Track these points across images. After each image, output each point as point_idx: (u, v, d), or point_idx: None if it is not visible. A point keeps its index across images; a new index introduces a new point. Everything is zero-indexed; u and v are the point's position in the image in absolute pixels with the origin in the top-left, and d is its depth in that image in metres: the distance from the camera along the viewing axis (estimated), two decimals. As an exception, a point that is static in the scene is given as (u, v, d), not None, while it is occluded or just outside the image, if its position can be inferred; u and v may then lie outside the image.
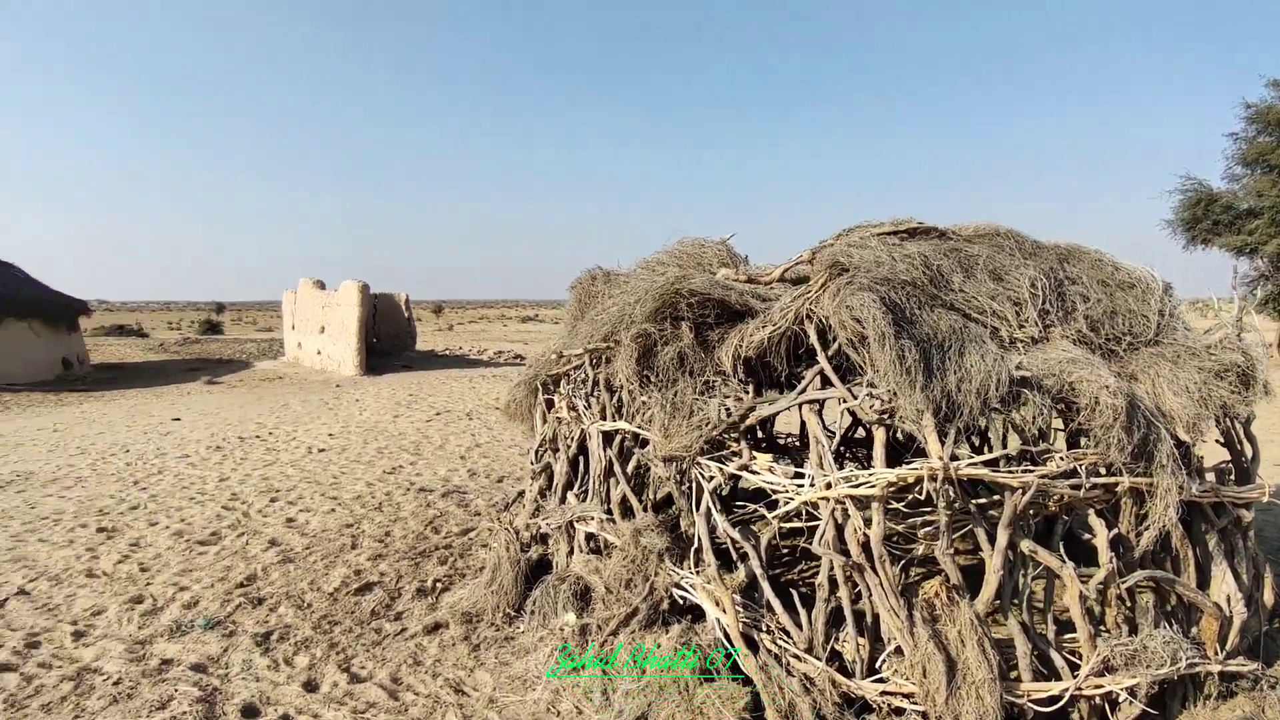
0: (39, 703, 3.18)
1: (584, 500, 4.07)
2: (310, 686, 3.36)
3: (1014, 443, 2.95)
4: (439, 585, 4.52)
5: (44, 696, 3.23)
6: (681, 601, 3.41)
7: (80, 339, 17.93)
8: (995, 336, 3.05)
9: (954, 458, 2.68)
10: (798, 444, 5.76)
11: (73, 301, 17.41)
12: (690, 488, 3.45)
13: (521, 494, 4.98)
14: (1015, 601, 2.80)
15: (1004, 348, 2.99)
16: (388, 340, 20.06)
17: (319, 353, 18.22)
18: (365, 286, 16.76)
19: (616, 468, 3.77)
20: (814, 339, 3.10)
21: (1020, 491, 2.67)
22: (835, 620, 2.98)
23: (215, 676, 3.42)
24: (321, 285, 18.69)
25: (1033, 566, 2.89)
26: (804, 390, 3.17)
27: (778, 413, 3.36)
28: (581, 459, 4.21)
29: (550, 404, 4.70)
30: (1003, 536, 2.70)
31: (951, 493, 2.66)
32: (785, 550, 4.63)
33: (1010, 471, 2.69)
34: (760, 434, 5.36)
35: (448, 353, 22.74)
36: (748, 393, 3.46)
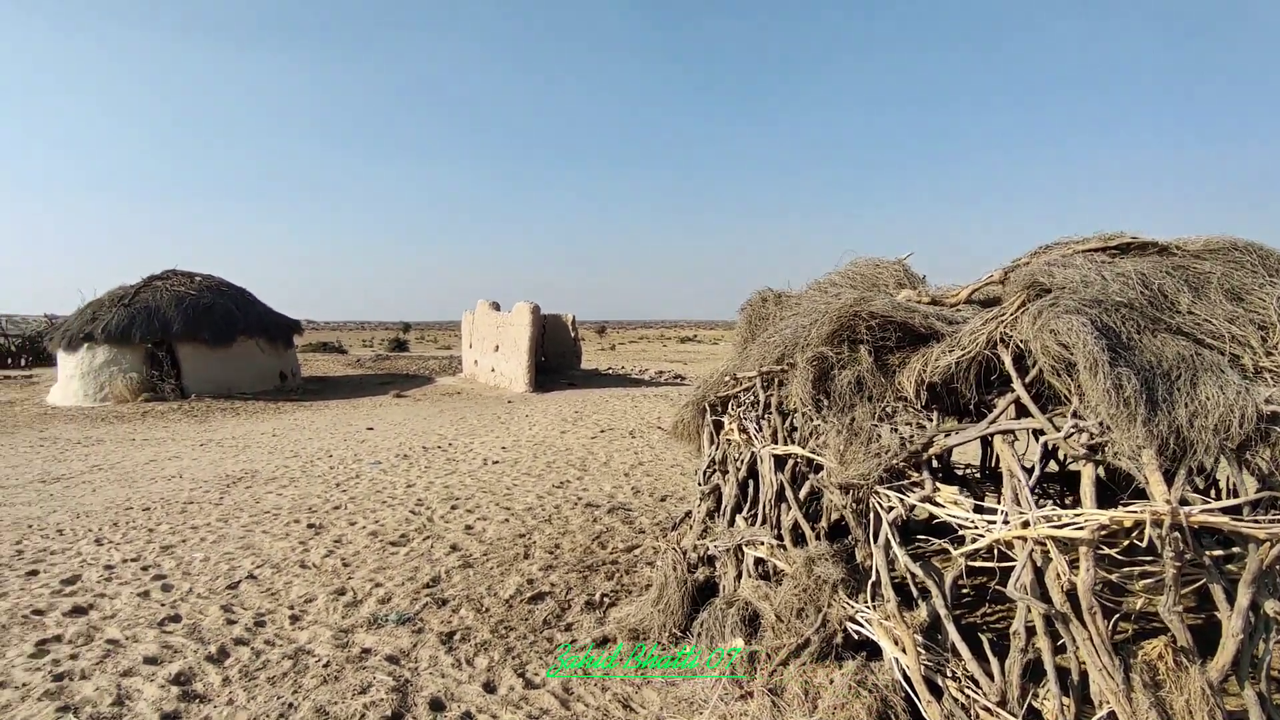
0: (265, 675, 3.58)
1: (753, 524, 4.01)
2: (489, 688, 3.53)
3: (1249, 485, 2.56)
4: (606, 600, 4.62)
5: (269, 670, 3.64)
6: (855, 636, 3.26)
7: (294, 355, 20.25)
8: (1236, 365, 2.67)
9: (1183, 501, 2.37)
10: (977, 476, 5.37)
11: (289, 321, 19.71)
12: (867, 517, 3.30)
13: (688, 514, 5.00)
14: (1253, 669, 2.42)
15: (1248, 378, 2.61)
16: (555, 359, 21.00)
17: (493, 370, 19.41)
18: (536, 308, 17.67)
19: (788, 492, 3.69)
20: (1009, 365, 2.87)
21: (1269, 544, 2.31)
22: (1031, 673, 2.72)
23: (406, 669, 3.69)
24: (497, 307, 19.94)
25: (1276, 630, 2.48)
26: (995, 420, 2.94)
27: (964, 443, 3.14)
28: (751, 482, 4.16)
29: (719, 425, 4.69)
30: (1244, 595, 2.35)
31: (1181, 542, 2.35)
32: (966, 590, 4.31)
33: (1256, 521, 2.34)
34: (935, 464, 5.05)
35: (610, 372, 23.43)
36: (930, 420, 3.27)
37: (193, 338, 16.49)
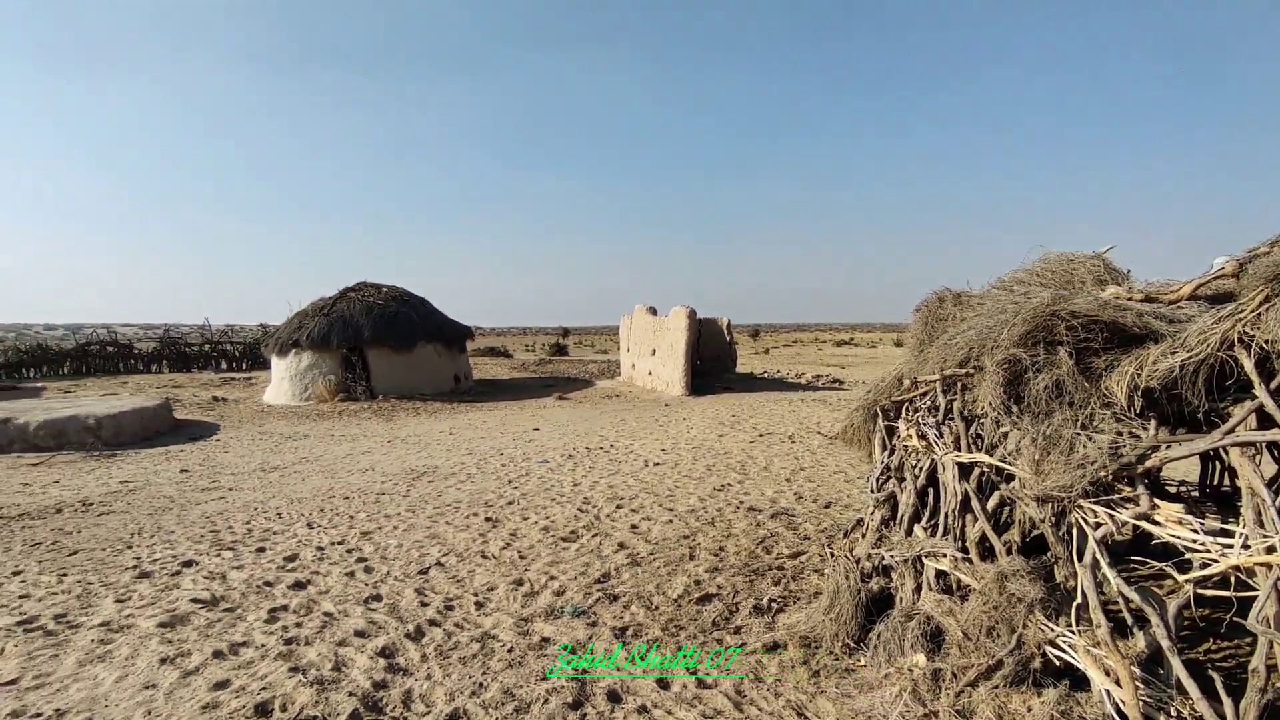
0: (457, 655, 3.86)
1: (933, 535, 3.81)
2: (663, 684, 3.59)
3: None
4: (774, 605, 4.57)
5: (460, 651, 3.91)
6: (1056, 662, 3.01)
7: (466, 359, 21.69)
8: None
9: None
10: (1194, 494, 4.78)
11: (462, 328, 21.14)
12: (1069, 534, 3.03)
13: (860, 522, 4.83)
14: None
15: None
16: (710, 362, 21.05)
17: (650, 373, 19.77)
18: (692, 312, 17.81)
19: (975, 503, 3.47)
20: (1250, 369, 2.54)
21: None
22: (1271, 717, 2.38)
23: (584, 660, 3.84)
24: (654, 311, 20.31)
25: None
26: (1233, 430, 2.60)
27: (1190, 455, 2.81)
28: (930, 490, 3.96)
29: (892, 431, 4.50)
30: None
31: None
32: (1186, 620, 3.85)
33: None
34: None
35: (765, 375, 23.15)
36: (1145, 430, 2.95)
37: (380, 343, 18.11)
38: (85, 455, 11.14)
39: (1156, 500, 2.77)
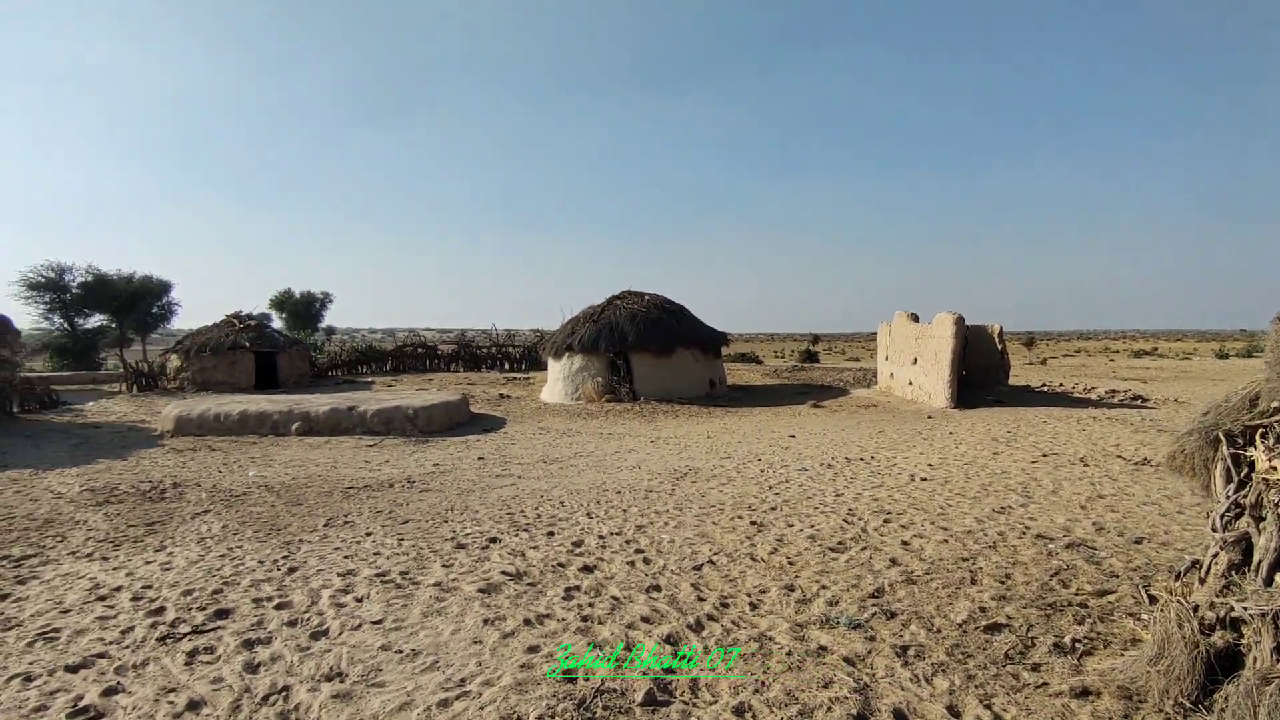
0: (738, 652, 3.99)
1: (1304, 588, 3.18)
2: (953, 711, 3.40)
3: None
4: (1078, 646, 4.10)
5: (740, 648, 4.04)
6: None
7: (721, 365, 22.19)
8: None
9: None
10: None
11: (717, 334, 21.66)
12: None
13: (1195, 564, 4.17)
14: None
15: None
16: (978, 373, 19.40)
17: (910, 383, 18.71)
18: (959, 318, 16.55)
19: (1371, 556, 2.83)
20: None
21: None
22: None
23: (864, 673, 3.76)
24: (915, 318, 19.19)
25: None
26: None
27: None
28: (1300, 535, 3.30)
29: (1239, 460, 3.83)
30: None
31: None
32: None
33: None
34: None
35: (1044, 389, 20.76)
36: None
37: (642, 348, 19.20)
38: (405, 440, 13.18)
39: None
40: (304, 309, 50.26)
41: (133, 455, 11.62)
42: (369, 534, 6.65)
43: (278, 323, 47.49)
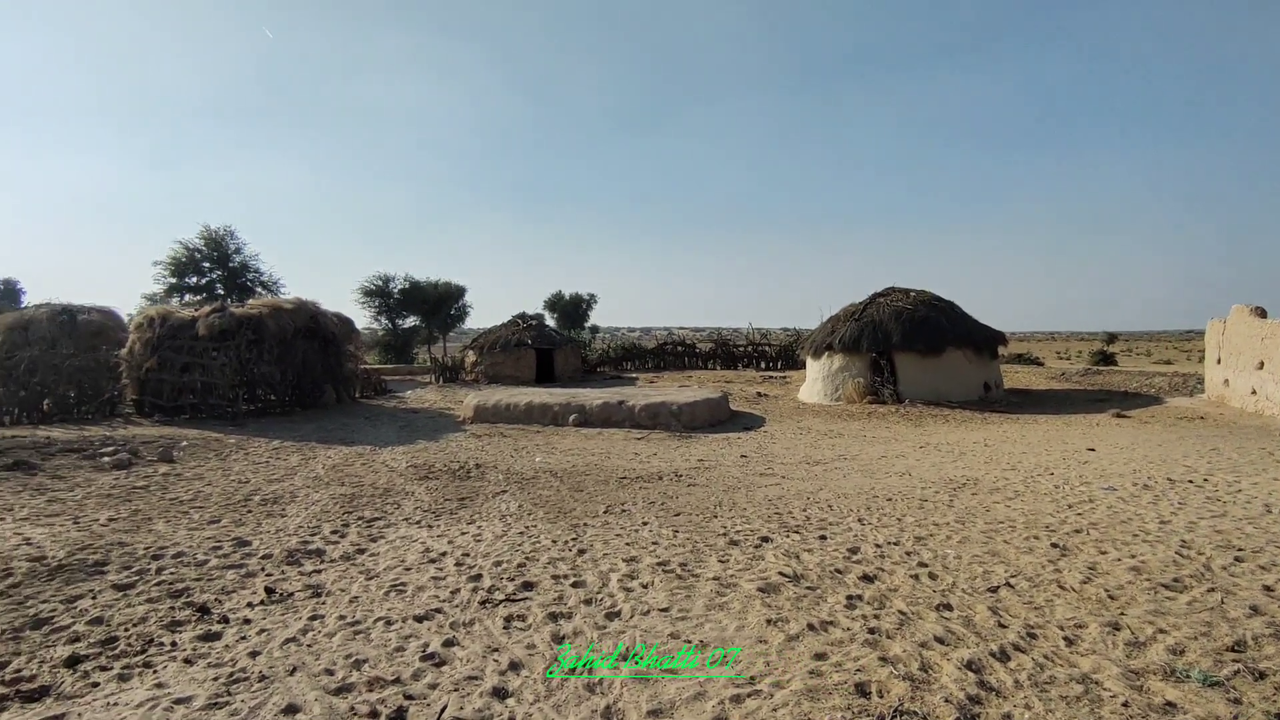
0: (1057, 693, 3.50)
1: None
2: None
3: None
4: None
5: (1059, 689, 3.54)
6: None
7: (997, 367, 20.16)
8: None
9: None
10: None
11: (993, 333, 19.71)
12: None
13: None
14: None
15: None
16: (1352, 383, 15.47)
17: (1253, 392, 15.48)
18: (1327, 314, 13.33)
19: None
20: None
21: None
22: None
23: (1230, 744, 3.12)
24: (1262, 313, 15.81)
25: None
26: None
27: None
28: None
29: None
30: None
31: None
32: None
33: None
34: None
35: None
36: None
37: (908, 348, 18.09)
38: (670, 434, 13.71)
39: None
40: (572, 309, 54.92)
41: (443, 438, 13.43)
42: (645, 523, 6.98)
43: (550, 322, 52.46)
